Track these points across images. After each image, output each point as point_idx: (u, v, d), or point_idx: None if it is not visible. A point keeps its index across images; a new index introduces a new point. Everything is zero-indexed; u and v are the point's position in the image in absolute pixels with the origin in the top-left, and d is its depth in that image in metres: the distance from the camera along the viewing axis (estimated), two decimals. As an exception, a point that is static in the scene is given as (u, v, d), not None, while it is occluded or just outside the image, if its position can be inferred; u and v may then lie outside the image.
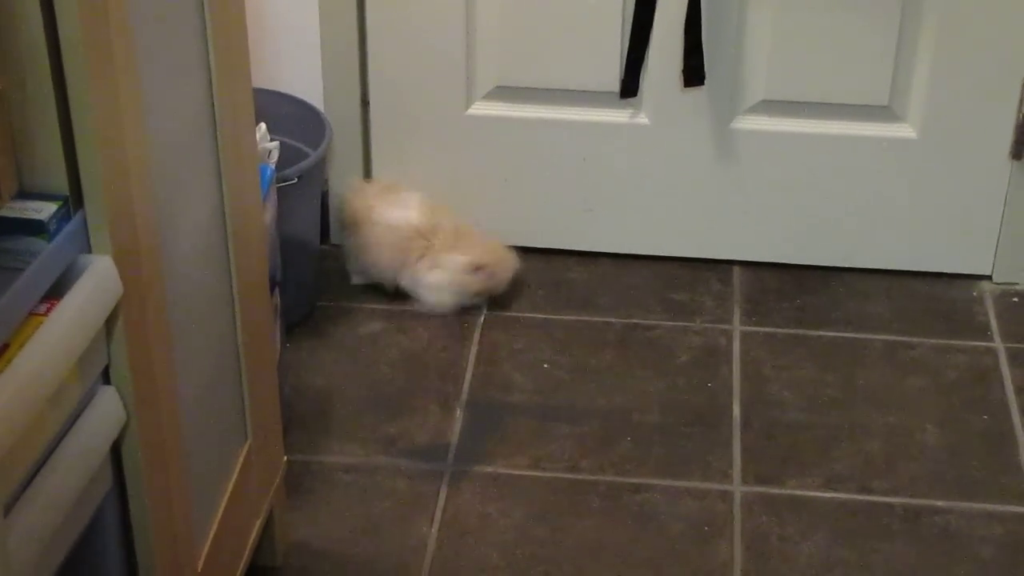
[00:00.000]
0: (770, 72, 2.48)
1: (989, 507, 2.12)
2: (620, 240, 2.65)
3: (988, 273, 2.60)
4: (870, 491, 2.14)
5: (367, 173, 2.64)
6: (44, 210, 1.26)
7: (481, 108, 2.57)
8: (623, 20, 2.44)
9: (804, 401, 2.32)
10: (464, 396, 2.33)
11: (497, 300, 2.51)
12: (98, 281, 1.30)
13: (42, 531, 1.26)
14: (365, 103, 2.59)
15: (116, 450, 1.41)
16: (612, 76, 2.49)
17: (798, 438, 2.24)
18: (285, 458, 1.99)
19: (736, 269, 2.63)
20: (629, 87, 2.46)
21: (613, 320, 2.50)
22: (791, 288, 2.59)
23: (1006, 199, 2.53)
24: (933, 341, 2.46)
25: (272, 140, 2.19)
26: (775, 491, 2.14)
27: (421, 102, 2.56)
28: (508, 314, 2.49)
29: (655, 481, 2.16)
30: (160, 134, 1.43)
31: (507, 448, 2.22)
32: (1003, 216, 2.55)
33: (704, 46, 2.38)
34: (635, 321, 2.50)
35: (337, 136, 2.56)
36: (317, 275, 2.55)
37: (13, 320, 1.21)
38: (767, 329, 2.48)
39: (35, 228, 1.25)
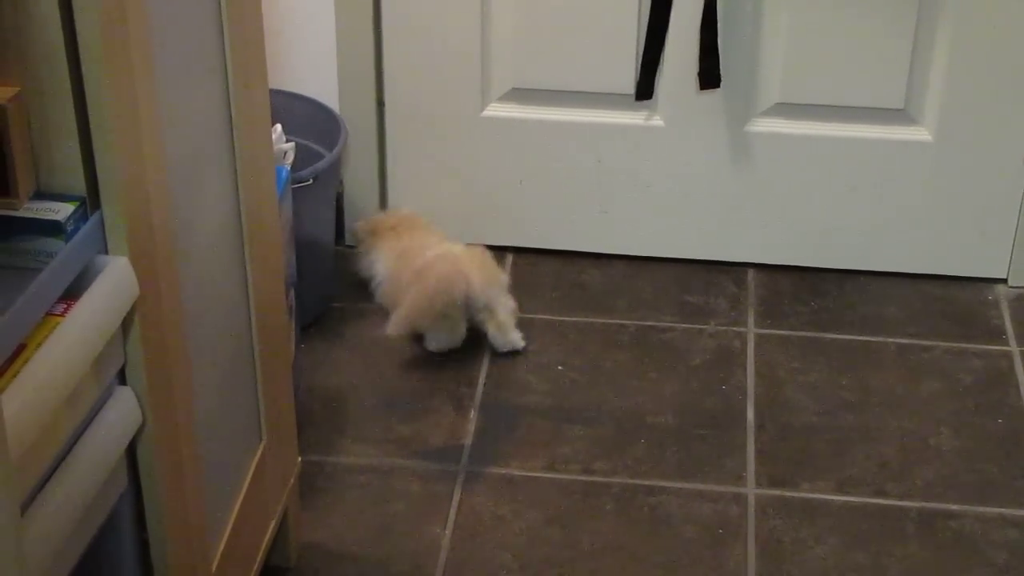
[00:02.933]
0: (785, 75, 2.47)
1: (1004, 511, 2.11)
2: (635, 242, 2.65)
3: (1004, 276, 2.60)
4: (884, 495, 2.14)
5: (382, 174, 2.65)
6: (61, 211, 1.26)
7: (496, 110, 2.57)
8: (638, 22, 2.44)
9: (818, 404, 2.32)
10: (478, 398, 2.33)
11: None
12: (115, 282, 1.30)
13: (58, 531, 1.26)
14: (380, 104, 2.59)
15: (132, 450, 1.41)
16: (627, 78, 2.49)
17: (812, 441, 2.24)
18: (299, 459, 1.99)
19: (751, 272, 2.63)
20: (644, 89, 2.46)
21: (627, 322, 2.50)
22: (805, 291, 2.58)
23: (1022, 202, 2.53)
24: (948, 344, 2.45)
25: (288, 141, 2.19)
26: (789, 494, 2.14)
27: (436, 104, 2.56)
28: (522, 316, 2.48)
29: (669, 483, 2.16)
30: (177, 135, 1.43)
31: (521, 450, 2.22)
32: (1019, 219, 2.54)
33: (720, 49, 2.38)
34: (649, 323, 2.50)
35: (352, 137, 2.56)
36: (332, 276, 2.56)
37: (30, 320, 1.22)
38: (781, 332, 2.48)
39: (52, 229, 1.26)
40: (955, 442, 2.24)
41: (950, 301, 2.56)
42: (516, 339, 2.40)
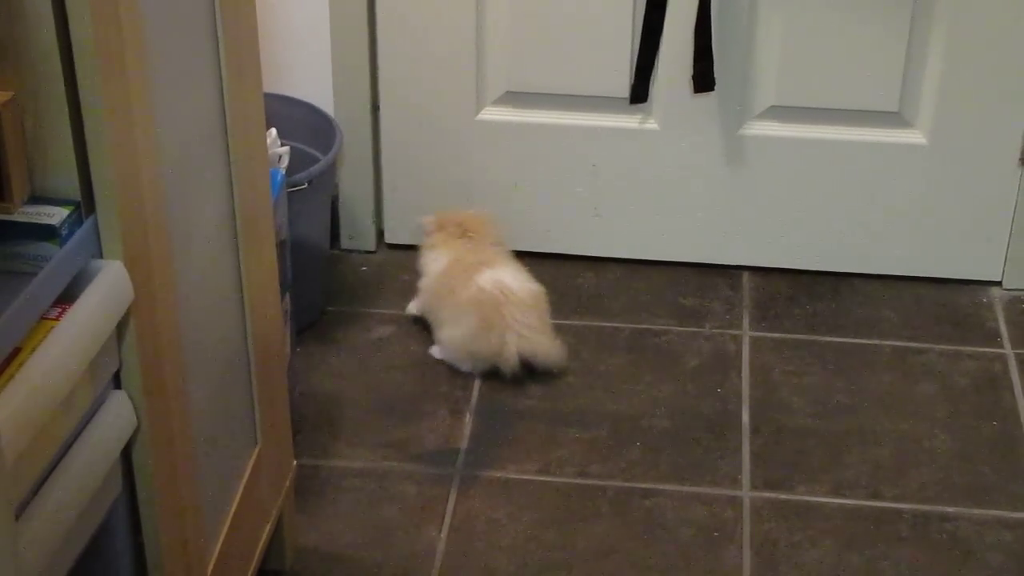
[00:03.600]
0: (780, 78, 2.48)
1: (999, 514, 2.11)
2: (630, 245, 2.65)
3: (998, 279, 2.60)
4: (879, 497, 2.14)
5: (377, 178, 2.65)
6: (56, 215, 1.26)
7: (491, 113, 2.57)
8: (633, 26, 2.44)
9: (813, 407, 2.32)
10: (473, 401, 2.33)
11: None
12: (109, 286, 1.30)
13: (52, 535, 1.26)
14: (375, 108, 2.59)
15: (127, 454, 1.41)
16: (622, 82, 2.49)
17: (807, 444, 2.24)
18: (295, 463, 1.99)
19: (746, 275, 2.63)
20: (639, 93, 2.46)
21: (622, 325, 2.50)
22: (801, 294, 2.59)
23: (1016, 205, 2.53)
24: (943, 347, 2.45)
25: (283, 145, 2.19)
26: (784, 497, 2.14)
27: (431, 107, 2.56)
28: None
29: (664, 486, 2.16)
30: (171, 139, 1.43)
31: (516, 453, 2.22)
32: (1013, 222, 2.55)
33: (714, 52, 2.39)
34: (644, 326, 2.50)
35: (347, 141, 2.56)
36: (327, 280, 2.56)
37: (25, 324, 1.22)
38: (776, 335, 2.48)
39: (47, 233, 1.26)
40: (950, 444, 2.24)
41: (945, 304, 2.56)
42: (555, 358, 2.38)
